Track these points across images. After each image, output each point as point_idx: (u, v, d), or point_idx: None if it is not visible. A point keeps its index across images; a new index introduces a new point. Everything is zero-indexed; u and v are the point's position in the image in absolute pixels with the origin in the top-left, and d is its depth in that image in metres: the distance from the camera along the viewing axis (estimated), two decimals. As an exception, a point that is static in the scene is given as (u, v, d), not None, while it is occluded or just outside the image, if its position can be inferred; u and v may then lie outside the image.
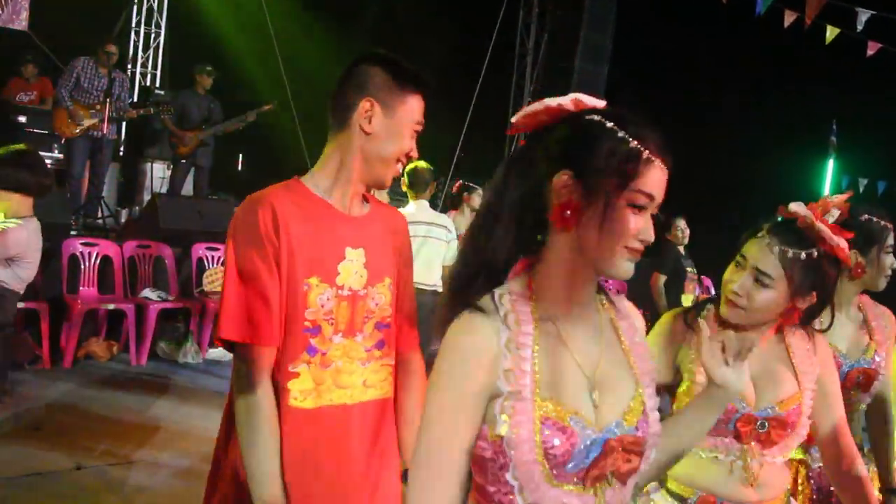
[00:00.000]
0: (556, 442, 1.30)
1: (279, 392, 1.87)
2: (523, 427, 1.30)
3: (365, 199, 2.04)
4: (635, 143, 1.32)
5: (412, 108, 1.94)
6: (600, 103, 1.39)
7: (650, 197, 1.34)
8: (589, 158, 1.33)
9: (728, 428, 1.94)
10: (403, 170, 5.83)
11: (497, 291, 1.38)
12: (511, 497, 1.32)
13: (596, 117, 1.35)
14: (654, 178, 1.33)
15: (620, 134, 1.33)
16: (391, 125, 1.92)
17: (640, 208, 1.33)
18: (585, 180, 1.33)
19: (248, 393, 1.82)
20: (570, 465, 1.31)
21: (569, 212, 1.33)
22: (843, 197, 2.24)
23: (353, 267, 1.94)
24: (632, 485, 1.41)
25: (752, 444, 1.95)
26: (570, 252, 1.37)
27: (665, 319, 2.14)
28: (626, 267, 1.35)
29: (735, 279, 1.98)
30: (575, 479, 1.33)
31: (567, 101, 1.38)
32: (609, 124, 1.34)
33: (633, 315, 1.51)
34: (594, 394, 1.37)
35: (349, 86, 1.93)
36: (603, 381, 1.40)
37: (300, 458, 1.87)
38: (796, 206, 1.97)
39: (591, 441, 1.33)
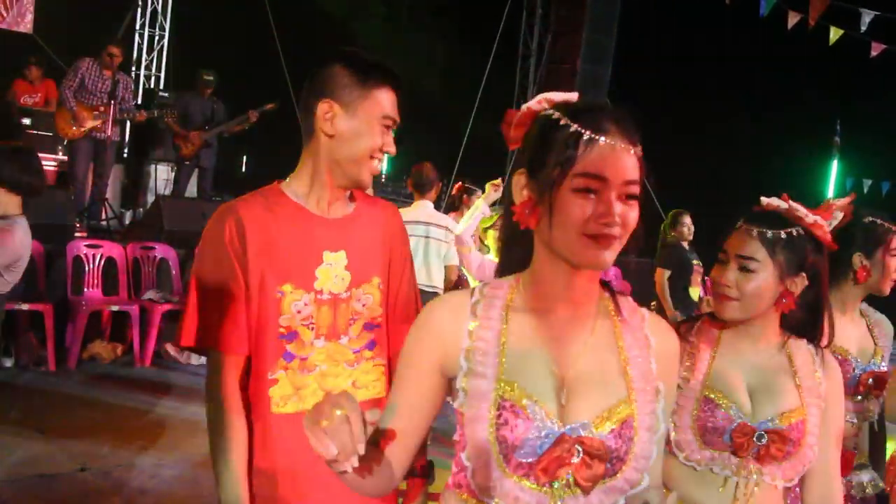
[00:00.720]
0: (510, 423, 1.30)
1: (261, 400, 1.87)
2: (481, 405, 1.32)
3: (352, 197, 2.00)
4: (575, 126, 1.28)
5: (378, 102, 1.87)
6: (571, 96, 1.36)
7: (599, 178, 1.27)
8: (536, 154, 1.33)
9: (724, 440, 1.85)
10: (411, 171, 5.90)
11: (487, 282, 1.45)
12: (467, 479, 1.35)
13: (550, 112, 1.33)
14: (602, 158, 1.26)
15: (563, 122, 1.30)
16: (355, 123, 1.86)
17: (590, 192, 1.27)
18: (535, 176, 1.32)
19: (215, 398, 1.85)
20: (521, 452, 1.29)
21: (527, 210, 1.33)
22: (847, 200, 2.23)
23: (332, 270, 1.91)
24: (605, 500, 1.33)
25: (751, 461, 1.85)
26: (545, 249, 1.36)
27: None
28: (591, 255, 1.28)
29: (721, 275, 1.93)
30: (528, 473, 1.30)
31: (534, 102, 1.37)
32: (555, 115, 1.32)
33: (645, 327, 1.44)
34: (562, 393, 1.34)
35: (310, 90, 1.89)
36: (576, 383, 1.36)
37: (287, 463, 1.87)
38: (769, 199, 1.92)
39: (549, 433, 1.30)
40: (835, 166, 13.37)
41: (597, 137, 1.27)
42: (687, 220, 7.60)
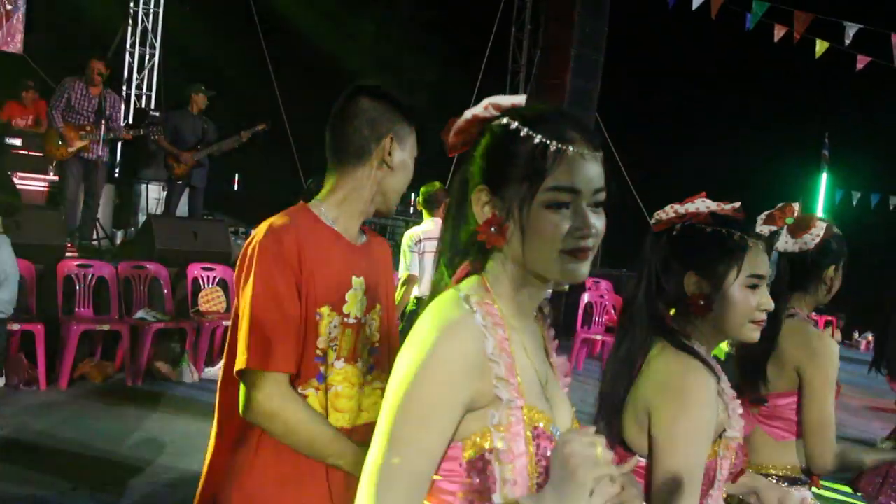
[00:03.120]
0: (549, 453, 1.21)
1: None
2: (518, 439, 1.21)
3: (361, 228, 2.08)
4: (539, 137, 1.22)
5: (415, 141, 2.04)
6: (518, 100, 1.29)
7: (571, 190, 1.22)
8: (498, 168, 1.25)
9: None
10: (419, 191, 6.07)
11: (461, 293, 1.26)
12: None
13: (504, 121, 1.27)
14: (572, 169, 1.22)
15: (524, 132, 1.23)
16: (405, 157, 2.00)
17: (562, 206, 1.22)
18: (500, 192, 1.25)
19: (277, 410, 1.82)
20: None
21: (493, 228, 1.25)
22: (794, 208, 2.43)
23: (357, 295, 1.97)
24: None
25: None
26: (515, 265, 1.27)
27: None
28: (571, 271, 1.23)
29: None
30: None
31: (480, 108, 1.30)
32: (514, 125, 1.25)
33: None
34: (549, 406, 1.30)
35: (362, 121, 1.96)
36: (552, 393, 1.33)
37: (300, 478, 1.88)
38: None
39: None
40: (824, 179, 13.46)
41: (564, 147, 1.22)
42: None
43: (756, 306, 1.75)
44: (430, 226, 5.97)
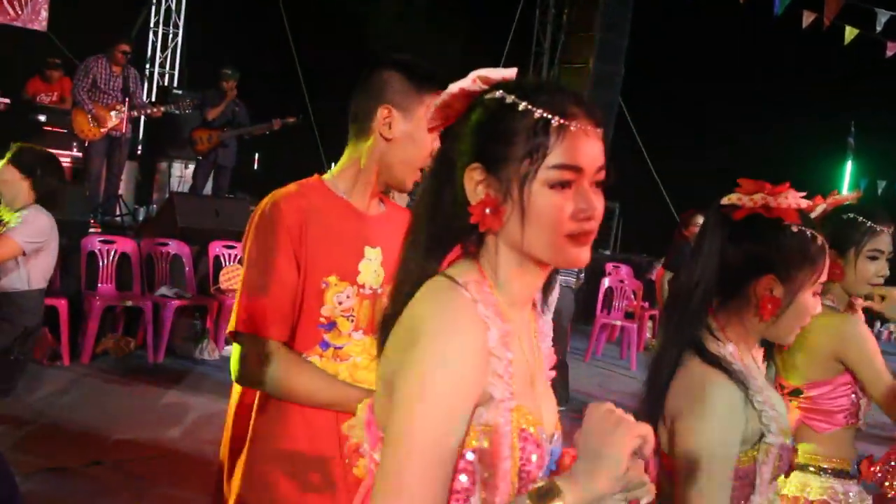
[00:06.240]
0: (534, 458, 1.15)
1: None
2: (505, 441, 1.13)
3: (381, 200, 2.07)
4: (540, 111, 1.12)
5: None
6: (509, 73, 1.19)
7: (575, 169, 1.13)
8: (494, 145, 1.15)
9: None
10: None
11: (459, 278, 1.17)
12: None
13: (498, 93, 1.16)
14: (575, 146, 1.12)
15: (522, 106, 1.13)
16: (412, 129, 1.91)
17: (566, 185, 1.13)
18: (496, 171, 1.15)
19: (271, 373, 1.84)
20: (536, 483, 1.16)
21: (488, 210, 1.14)
22: (853, 195, 2.33)
23: (371, 266, 1.96)
24: None
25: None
26: (512, 251, 1.18)
27: None
28: (574, 256, 1.14)
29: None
30: None
31: (468, 81, 1.18)
32: (509, 98, 1.14)
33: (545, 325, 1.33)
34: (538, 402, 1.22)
35: (367, 94, 1.95)
36: (539, 391, 1.24)
37: (312, 448, 1.89)
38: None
39: (551, 453, 1.20)
40: (849, 167, 13.31)
41: (567, 123, 1.12)
42: (700, 220, 7.55)
43: (812, 311, 1.70)
44: None
